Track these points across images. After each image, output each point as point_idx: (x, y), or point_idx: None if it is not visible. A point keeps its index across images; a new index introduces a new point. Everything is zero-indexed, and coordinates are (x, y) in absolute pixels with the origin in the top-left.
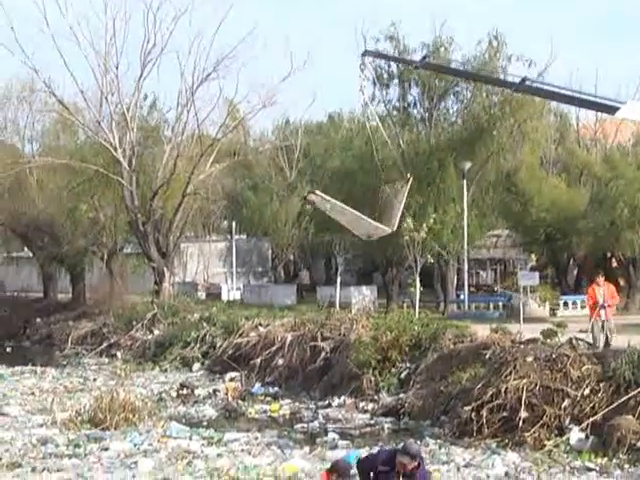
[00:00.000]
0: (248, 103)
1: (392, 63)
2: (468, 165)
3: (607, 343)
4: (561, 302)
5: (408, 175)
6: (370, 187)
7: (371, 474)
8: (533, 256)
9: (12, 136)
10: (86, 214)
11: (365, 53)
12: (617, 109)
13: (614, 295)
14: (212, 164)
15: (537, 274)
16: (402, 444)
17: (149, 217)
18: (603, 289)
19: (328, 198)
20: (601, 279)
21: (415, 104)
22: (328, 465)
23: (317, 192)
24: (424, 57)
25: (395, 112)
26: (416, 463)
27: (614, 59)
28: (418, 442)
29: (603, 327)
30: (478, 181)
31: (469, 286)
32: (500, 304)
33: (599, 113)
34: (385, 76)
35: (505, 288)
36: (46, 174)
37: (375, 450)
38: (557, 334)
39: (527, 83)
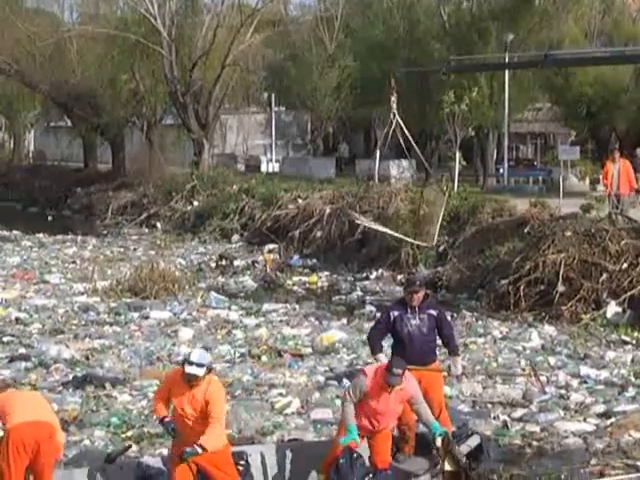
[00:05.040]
0: None
1: None
2: (510, 37)
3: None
4: (601, 177)
5: (445, 189)
6: (411, 62)
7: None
8: (573, 131)
9: (52, 4)
10: (126, 84)
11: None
12: None
13: (629, 171)
14: (252, 35)
15: (577, 148)
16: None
17: (188, 88)
18: (618, 164)
19: (363, 219)
20: (617, 155)
21: None
22: (364, 337)
23: (350, 212)
24: (448, 62)
25: None
26: (424, 292)
27: None
28: (454, 315)
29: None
30: (520, 54)
31: (509, 160)
32: (540, 178)
33: None
34: None
35: (545, 162)
36: (86, 43)
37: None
38: (596, 209)
39: (551, 58)
